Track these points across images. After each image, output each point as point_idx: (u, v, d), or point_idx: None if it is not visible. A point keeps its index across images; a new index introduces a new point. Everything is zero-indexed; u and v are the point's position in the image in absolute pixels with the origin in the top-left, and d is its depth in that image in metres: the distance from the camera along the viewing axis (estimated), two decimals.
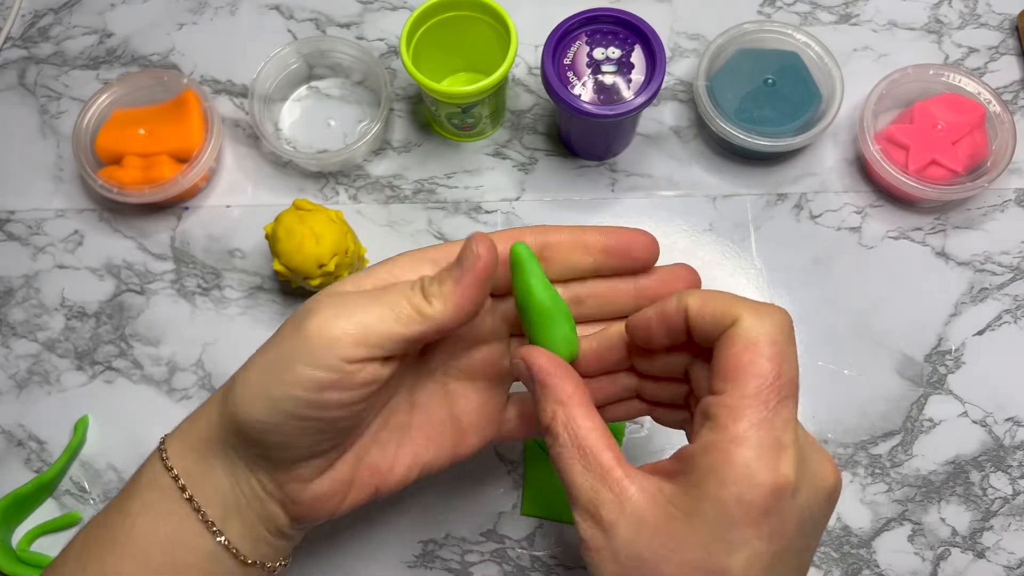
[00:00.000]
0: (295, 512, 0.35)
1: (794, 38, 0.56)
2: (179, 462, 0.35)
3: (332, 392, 0.32)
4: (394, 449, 0.37)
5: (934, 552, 0.48)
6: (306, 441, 0.33)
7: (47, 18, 0.63)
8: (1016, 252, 0.54)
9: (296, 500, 0.35)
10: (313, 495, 0.35)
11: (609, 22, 0.50)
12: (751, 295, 0.54)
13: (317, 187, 0.57)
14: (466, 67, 0.58)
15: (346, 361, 0.31)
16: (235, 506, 0.35)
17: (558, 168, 0.57)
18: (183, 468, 0.35)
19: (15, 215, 0.58)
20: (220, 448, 0.35)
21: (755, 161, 0.57)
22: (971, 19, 0.60)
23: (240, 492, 0.35)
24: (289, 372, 0.31)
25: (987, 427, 0.51)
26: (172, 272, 0.56)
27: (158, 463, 0.35)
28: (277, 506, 0.35)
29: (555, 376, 0.33)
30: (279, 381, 0.32)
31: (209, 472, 0.35)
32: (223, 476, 0.35)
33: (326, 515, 0.36)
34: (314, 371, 0.31)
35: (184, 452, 0.35)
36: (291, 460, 0.34)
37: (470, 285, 0.33)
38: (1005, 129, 0.53)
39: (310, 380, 0.31)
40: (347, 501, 0.36)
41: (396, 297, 0.33)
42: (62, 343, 0.54)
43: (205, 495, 0.35)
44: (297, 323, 0.32)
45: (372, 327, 0.32)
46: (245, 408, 0.33)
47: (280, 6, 0.62)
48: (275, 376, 0.32)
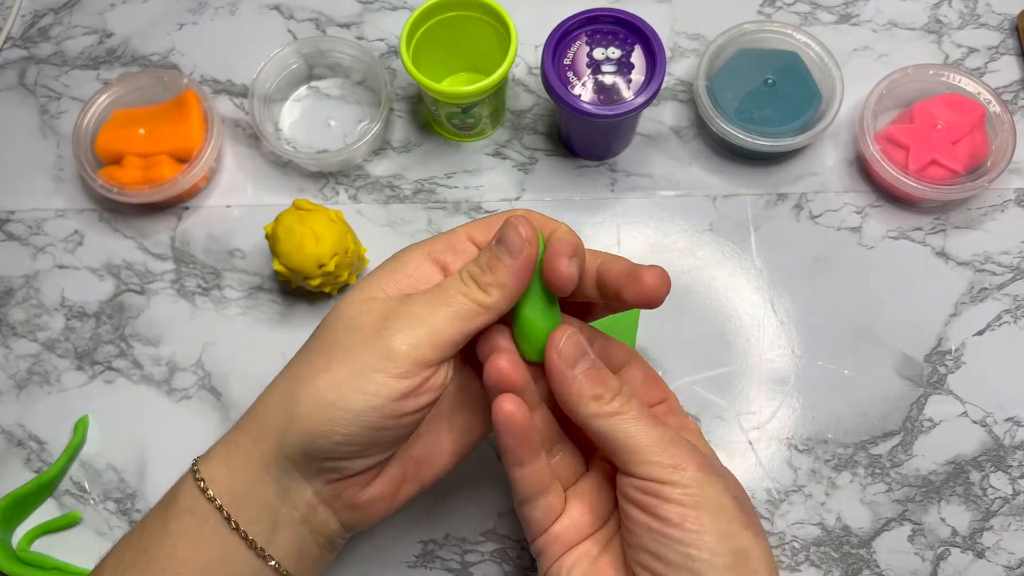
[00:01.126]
0: (350, 518, 0.36)
1: (794, 38, 0.56)
2: (222, 485, 0.34)
3: (411, 399, 0.33)
4: (435, 440, 0.37)
5: (934, 552, 0.48)
6: (379, 449, 0.34)
7: (47, 18, 0.63)
8: (1016, 252, 0.54)
9: (354, 504, 0.35)
10: (369, 498, 0.35)
11: (609, 22, 0.50)
12: (751, 295, 0.54)
13: (317, 187, 0.57)
14: (466, 67, 0.58)
15: (425, 366, 0.32)
16: (285, 521, 0.35)
17: (558, 168, 0.57)
18: (227, 491, 0.34)
19: (15, 215, 0.58)
20: (274, 466, 0.34)
21: (755, 161, 0.57)
22: (971, 19, 0.60)
23: (292, 506, 0.35)
24: (372, 383, 0.32)
25: (987, 427, 0.51)
26: (172, 272, 0.56)
27: (194, 488, 0.34)
28: (331, 514, 0.36)
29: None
30: (361, 393, 0.32)
31: (258, 493, 0.34)
32: (272, 494, 0.34)
33: (379, 516, 0.37)
34: (398, 381, 0.32)
35: (228, 475, 0.34)
36: (359, 469, 0.34)
37: (522, 270, 0.33)
38: (1005, 129, 0.53)
39: (395, 390, 0.32)
40: (398, 499, 0.37)
41: (453, 294, 0.33)
42: (62, 343, 0.54)
43: (251, 515, 0.34)
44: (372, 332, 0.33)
45: (443, 329, 0.32)
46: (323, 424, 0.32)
47: (280, 6, 0.62)
48: (356, 388, 0.32)
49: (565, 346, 0.34)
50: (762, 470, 0.50)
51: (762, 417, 0.51)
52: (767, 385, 0.52)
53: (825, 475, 0.50)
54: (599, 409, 0.33)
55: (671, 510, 0.32)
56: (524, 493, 0.35)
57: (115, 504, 0.51)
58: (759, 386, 0.52)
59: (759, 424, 0.51)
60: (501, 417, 0.33)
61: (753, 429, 0.51)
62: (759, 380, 0.52)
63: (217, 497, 0.34)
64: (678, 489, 0.32)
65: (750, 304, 0.54)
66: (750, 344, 0.53)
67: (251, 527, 0.34)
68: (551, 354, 0.34)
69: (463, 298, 0.33)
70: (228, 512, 0.34)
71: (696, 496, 0.32)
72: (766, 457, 0.50)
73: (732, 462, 0.50)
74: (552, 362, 0.34)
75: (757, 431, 0.51)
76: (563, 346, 0.34)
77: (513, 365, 0.34)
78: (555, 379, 0.34)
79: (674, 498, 0.32)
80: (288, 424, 0.33)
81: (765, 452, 0.51)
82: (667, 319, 0.53)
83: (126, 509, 0.51)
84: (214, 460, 0.35)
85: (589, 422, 0.33)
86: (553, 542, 0.35)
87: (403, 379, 0.32)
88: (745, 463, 0.50)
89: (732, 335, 0.53)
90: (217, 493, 0.34)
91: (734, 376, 0.52)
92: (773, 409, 0.51)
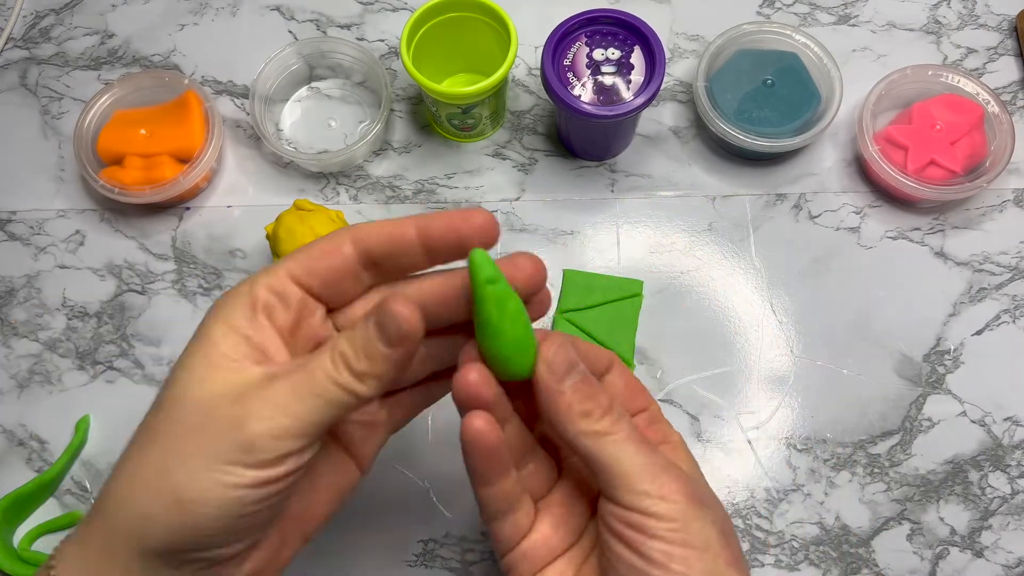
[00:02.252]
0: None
1: (793, 39, 0.56)
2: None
3: (275, 484, 0.30)
4: (307, 492, 0.35)
5: (933, 551, 0.49)
6: (249, 532, 0.31)
7: (48, 19, 0.63)
8: (1014, 252, 0.54)
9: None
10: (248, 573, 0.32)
11: (609, 23, 0.51)
12: (750, 295, 0.54)
13: (318, 187, 0.57)
14: (466, 68, 0.58)
15: (290, 455, 0.29)
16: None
17: (558, 168, 0.57)
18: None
19: (17, 215, 0.58)
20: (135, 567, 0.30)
21: (754, 161, 0.57)
22: (970, 20, 0.60)
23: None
24: (232, 476, 0.29)
25: (986, 427, 0.51)
26: (173, 272, 0.56)
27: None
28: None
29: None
30: (221, 487, 0.29)
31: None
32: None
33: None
34: (261, 471, 0.29)
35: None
36: (229, 555, 0.31)
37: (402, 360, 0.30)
38: (1004, 129, 0.54)
39: (257, 479, 0.29)
40: (279, 563, 0.34)
41: (323, 382, 0.30)
42: (63, 343, 0.55)
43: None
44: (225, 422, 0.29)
45: (309, 420, 0.29)
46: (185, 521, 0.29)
47: (281, 7, 0.63)
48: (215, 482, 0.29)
49: (555, 358, 0.32)
50: (761, 469, 0.50)
51: (761, 417, 0.51)
52: (766, 385, 0.52)
53: (824, 474, 0.50)
54: (588, 427, 0.32)
55: (655, 548, 0.30)
56: (492, 511, 0.34)
57: None
58: (758, 386, 0.52)
59: (758, 424, 0.51)
60: (470, 435, 0.31)
61: (752, 429, 0.51)
62: (758, 380, 0.52)
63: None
64: (664, 524, 0.30)
65: (749, 304, 0.54)
66: (749, 344, 0.53)
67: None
68: (540, 368, 0.32)
69: (335, 388, 0.30)
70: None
71: (682, 532, 0.30)
72: (765, 456, 0.51)
73: (731, 461, 0.50)
74: (541, 376, 0.32)
75: (756, 431, 0.51)
76: (553, 358, 0.32)
77: (483, 378, 0.32)
78: (544, 394, 0.32)
79: (659, 534, 0.30)
80: (144, 524, 0.30)
81: (764, 451, 0.51)
82: (667, 319, 0.53)
83: None
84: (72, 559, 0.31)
85: (576, 440, 0.32)
86: (522, 560, 0.34)
87: (266, 469, 0.29)
88: (744, 462, 0.50)
89: (731, 335, 0.53)
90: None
91: (733, 376, 0.52)
92: (772, 409, 0.51)
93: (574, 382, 0.32)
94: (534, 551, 0.34)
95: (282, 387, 0.30)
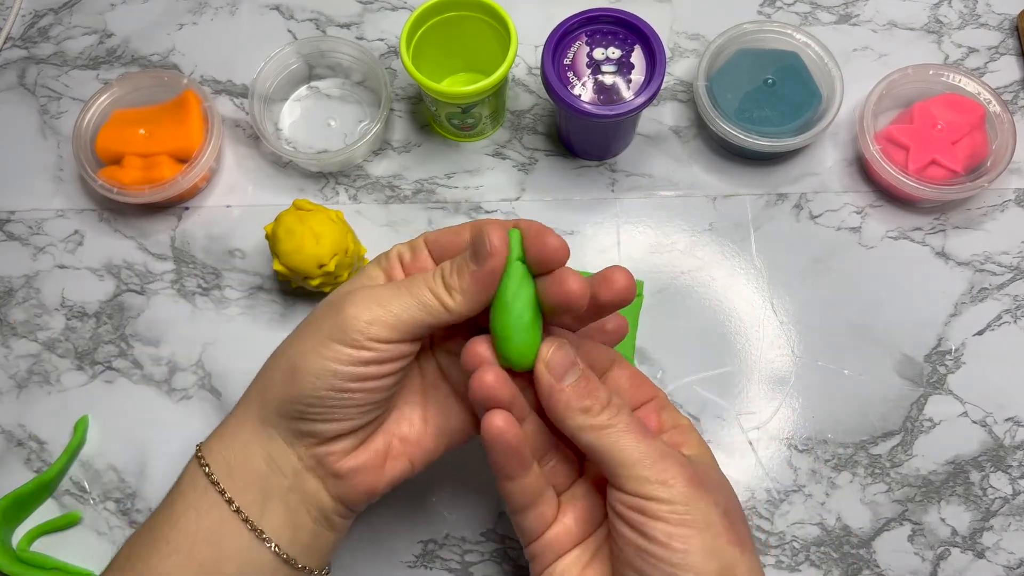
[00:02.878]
0: (338, 489, 0.37)
1: (794, 38, 0.56)
2: (216, 456, 0.37)
3: (370, 367, 0.34)
4: (419, 422, 0.39)
5: (934, 552, 0.48)
6: (345, 413, 0.35)
7: (47, 18, 0.63)
8: (1016, 252, 0.54)
9: (336, 473, 0.36)
10: (351, 467, 0.36)
11: (609, 22, 0.50)
12: (751, 295, 0.54)
13: (317, 187, 0.57)
14: (466, 67, 0.58)
15: (379, 342, 0.34)
16: (276, 490, 0.36)
17: (558, 168, 0.57)
18: (221, 461, 0.36)
19: (15, 215, 0.58)
20: (260, 432, 0.36)
21: (755, 161, 0.57)
22: (971, 19, 0.60)
23: (280, 472, 0.36)
24: (328, 349, 0.34)
25: (987, 427, 0.51)
26: (172, 272, 0.56)
27: (195, 464, 0.37)
28: (318, 482, 0.37)
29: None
30: (320, 358, 0.34)
31: (248, 459, 0.36)
32: (261, 460, 0.36)
33: (366, 490, 0.37)
34: (352, 350, 0.34)
35: (221, 447, 0.37)
36: (330, 433, 0.36)
37: (485, 279, 0.34)
38: (1005, 129, 0.53)
39: (349, 357, 0.34)
40: (385, 474, 0.38)
41: (420, 288, 0.35)
42: (62, 343, 0.54)
43: (242, 483, 0.36)
44: (336, 308, 0.35)
45: (400, 315, 0.34)
46: (291, 387, 0.35)
47: (280, 6, 0.62)
48: (316, 354, 0.34)
49: (553, 357, 0.34)
50: (762, 470, 0.50)
51: (762, 417, 0.51)
52: (767, 385, 0.52)
53: (825, 475, 0.50)
54: (587, 422, 0.34)
55: (657, 528, 0.32)
56: (517, 504, 0.36)
57: (115, 504, 0.51)
58: (759, 386, 0.52)
59: (759, 424, 0.51)
60: (491, 433, 0.34)
61: (753, 429, 0.51)
62: (759, 380, 0.52)
63: (212, 465, 0.36)
64: (665, 506, 0.32)
65: (750, 304, 0.54)
66: (750, 344, 0.53)
67: (242, 496, 0.36)
68: (539, 367, 0.34)
69: (428, 293, 0.35)
70: (219, 481, 0.36)
71: (683, 513, 0.32)
72: (766, 457, 0.50)
73: (732, 462, 0.50)
74: (540, 374, 0.34)
75: (757, 431, 0.51)
76: (551, 357, 0.34)
77: (499, 379, 0.34)
78: (543, 392, 0.34)
79: (661, 515, 0.32)
80: (265, 391, 0.36)
81: (765, 452, 0.51)
82: (667, 319, 0.53)
83: (126, 509, 0.51)
84: (214, 435, 0.38)
85: (578, 435, 0.34)
86: (545, 549, 0.36)
87: (356, 349, 0.34)
88: (745, 463, 0.50)
89: (732, 335, 0.53)
90: (213, 463, 0.36)
91: (734, 376, 0.52)
92: (773, 409, 0.51)
93: (573, 380, 0.34)
94: (557, 540, 0.36)
95: (388, 287, 0.36)
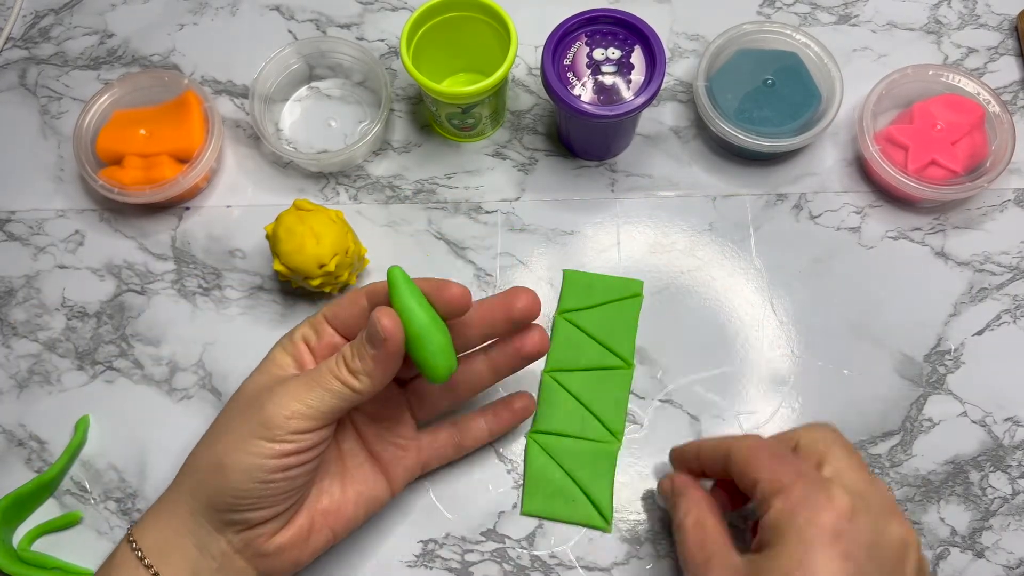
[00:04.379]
0: (263, 565, 0.41)
1: (794, 38, 0.56)
2: (148, 540, 0.40)
3: (291, 457, 0.38)
4: (339, 493, 0.43)
5: (933, 552, 0.48)
6: (272, 501, 0.39)
7: (48, 18, 0.63)
8: (1015, 252, 0.54)
9: (263, 553, 0.40)
10: (278, 545, 0.40)
11: (609, 23, 0.51)
12: (751, 295, 0.54)
13: (317, 187, 0.57)
14: (466, 67, 0.58)
15: (300, 433, 0.38)
16: (203, 570, 0.40)
17: (558, 168, 0.57)
18: (154, 545, 0.40)
19: (16, 215, 0.58)
20: (191, 521, 0.40)
21: (755, 161, 0.57)
22: (970, 19, 0.60)
23: (210, 556, 0.40)
24: (254, 446, 0.38)
25: (986, 427, 0.51)
26: (173, 272, 0.56)
27: (126, 546, 0.40)
28: (245, 562, 0.40)
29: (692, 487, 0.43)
30: (246, 454, 0.38)
31: (180, 545, 0.40)
32: (191, 546, 0.40)
33: (292, 564, 0.41)
34: (275, 444, 0.38)
35: (155, 532, 0.40)
36: (258, 520, 0.39)
37: (385, 361, 0.39)
38: (1004, 129, 0.53)
39: (273, 451, 0.38)
40: (308, 548, 0.42)
41: (328, 378, 0.39)
42: (63, 343, 0.55)
43: (175, 567, 0.39)
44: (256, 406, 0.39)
45: (317, 406, 0.38)
46: (220, 482, 0.38)
47: (280, 7, 0.62)
48: (242, 451, 0.38)
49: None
50: None
51: (762, 417, 0.51)
52: (767, 385, 0.52)
53: None
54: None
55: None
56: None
57: (116, 504, 0.51)
58: (759, 386, 0.52)
59: (759, 424, 0.51)
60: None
61: (753, 429, 0.51)
62: (759, 380, 0.52)
63: (144, 549, 0.40)
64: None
65: (750, 304, 0.54)
66: (750, 344, 0.53)
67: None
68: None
69: (336, 382, 0.39)
70: (152, 563, 0.39)
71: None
72: None
73: None
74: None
75: (757, 431, 0.51)
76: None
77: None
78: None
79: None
80: (198, 483, 0.40)
81: None
82: (667, 319, 0.53)
83: (127, 509, 0.51)
84: (147, 518, 0.41)
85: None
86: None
87: (280, 443, 0.38)
88: None
89: (732, 335, 0.53)
90: (145, 546, 0.40)
91: (734, 376, 0.52)
92: (773, 409, 0.51)
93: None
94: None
95: (299, 381, 0.39)
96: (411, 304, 0.39)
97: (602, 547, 0.48)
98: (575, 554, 0.48)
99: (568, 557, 0.48)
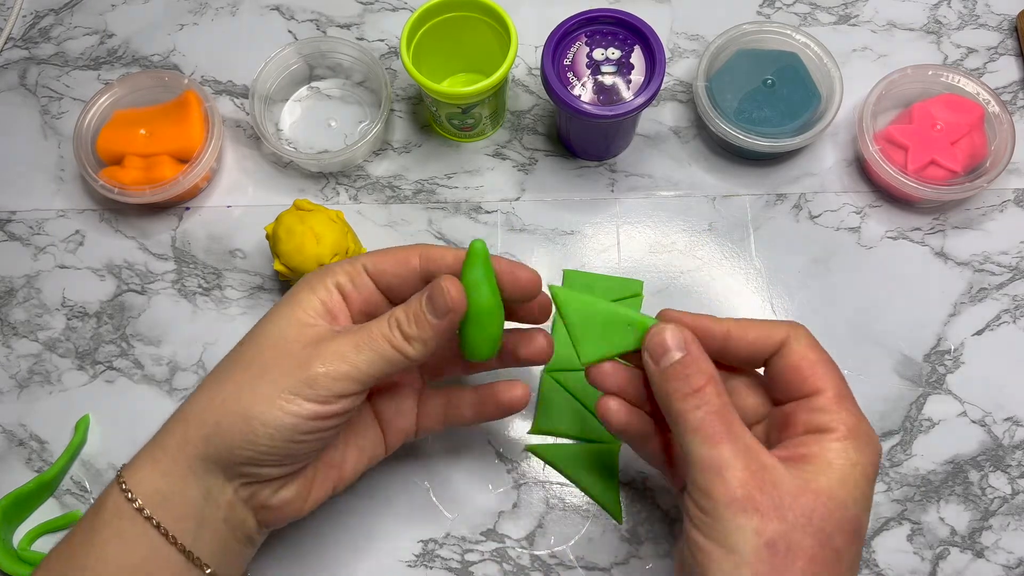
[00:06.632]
0: (265, 517, 0.39)
1: (793, 39, 0.56)
2: (148, 486, 0.37)
3: (327, 420, 0.36)
4: (343, 447, 0.42)
5: (933, 552, 0.49)
6: (296, 460, 0.38)
7: (48, 19, 0.63)
8: (1015, 252, 0.54)
9: (267, 505, 0.39)
10: (282, 499, 0.39)
11: (609, 23, 0.51)
12: (750, 295, 0.54)
13: (318, 187, 0.57)
14: (466, 68, 0.58)
15: (345, 396, 0.36)
16: (209, 519, 0.37)
17: (558, 168, 0.57)
18: (153, 489, 0.37)
19: (16, 215, 0.58)
20: (199, 467, 0.37)
21: (754, 161, 0.57)
22: (970, 20, 0.60)
23: (215, 504, 0.37)
24: (294, 404, 0.36)
25: (986, 427, 0.51)
26: (173, 272, 0.56)
27: (117, 492, 0.37)
28: (248, 512, 0.39)
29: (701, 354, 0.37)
30: (283, 412, 0.35)
31: (184, 490, 0.37)
32: (197, 492, 0.37)
33: (292, 516, 0.40)
34: (318, 406, 0.36)
35: (154, 475, 0.37)
36: (275, 475, 0.38)
37: (444, 330, 0.37)
38: (1004, 129, 0.54)
39: (314, 412, 0.36)
40: (309, 501, 0.40)
41: (379, 340, 0.37)
42: (63, 343, 0.55)
43: (178, 512, 0.37)
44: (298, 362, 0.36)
45: (364, 370, 0.36)
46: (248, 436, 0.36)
47: (281, 7, 0.63)
48: (279, 408, 0.36)
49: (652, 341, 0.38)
50: None
51: None
52: None
53: None
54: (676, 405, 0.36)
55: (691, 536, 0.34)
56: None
57: None
58: None
59: None
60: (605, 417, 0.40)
61: None
62: None
63: (141, 498, 0.36)
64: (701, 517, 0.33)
65: (749, 304, 0.54)
66: None
67: (177, 524, 0.37)
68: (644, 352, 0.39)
69: (387, 345, 0.37)
70: (152, 513, 0.36)
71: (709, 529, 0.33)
72: None
73: None
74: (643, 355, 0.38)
75: None
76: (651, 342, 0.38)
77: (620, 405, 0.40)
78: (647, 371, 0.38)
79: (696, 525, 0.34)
80: (214, 431, 0.36)
81: None
82: None
83: None
84: (140, 464, 0.38)
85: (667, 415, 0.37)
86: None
87: (323, 404, 0.36)
88: None
89: None
90: (143, 494, 0.37)
91: None
92: None
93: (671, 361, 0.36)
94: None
95: (346, 340, 0.37)
96: (482, 282, 0.37)
97: (602, 547, 0.48)
98: (575, 554, 0.48)
99: (568, 557, 0.48)
